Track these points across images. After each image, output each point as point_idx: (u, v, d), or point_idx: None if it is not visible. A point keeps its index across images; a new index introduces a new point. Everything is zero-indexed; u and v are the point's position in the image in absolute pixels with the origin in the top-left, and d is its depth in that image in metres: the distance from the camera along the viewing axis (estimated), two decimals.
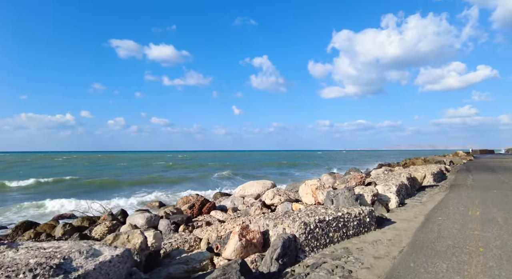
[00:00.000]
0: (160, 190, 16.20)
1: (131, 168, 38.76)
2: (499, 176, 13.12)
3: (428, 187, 9.98)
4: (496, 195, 7.66)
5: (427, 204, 6.93)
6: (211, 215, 7.72)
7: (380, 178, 9.13)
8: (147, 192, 15.21)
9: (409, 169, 15.36)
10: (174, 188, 17.87)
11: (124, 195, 14.72)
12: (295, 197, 7.40)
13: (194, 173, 31.49)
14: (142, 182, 20.63)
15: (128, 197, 13.80)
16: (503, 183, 10.45)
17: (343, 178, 7.33)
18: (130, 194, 15.43)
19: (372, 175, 12.84)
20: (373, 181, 7.70)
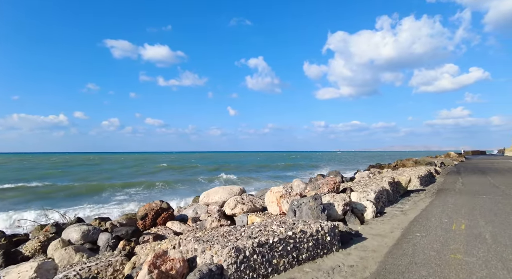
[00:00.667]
0: (136, 195, 15.20)
1: (119, 170, 37.49)
2: (490, 179, 12.44)
3: (414, 192, 9.22)
4: (485, 202, 6.90)
5: (409, 213, 6.12)
6: (167, 226, 6.82)
7: (360, 183, 8.32)
8: (118, 200, 14.17)
9: (395, 171, 14.63)
10: (153, 193, 16.82)
11: (94, 201, 13.69)
12: (262, 205, 6.54)
13: (183, 176, 30.38)
14: (124, 185, 19.47)
15: (97, 204, 12.78)
16: (493, 187, 9.74)
17: (315, 184, 6.49)
18: (103, 200, 14.40)
19: (356, 178, 12.05)
20: (348, 187, 6.88)
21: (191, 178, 26.74)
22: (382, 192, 7.16)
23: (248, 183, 23.02)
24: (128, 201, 13.23)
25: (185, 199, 12.61)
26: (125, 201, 13.60)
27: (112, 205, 12.30)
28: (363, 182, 8.65)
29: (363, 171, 12.96)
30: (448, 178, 13.44)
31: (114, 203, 12.95)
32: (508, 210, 5.93)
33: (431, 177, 13.97)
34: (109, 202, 13.19)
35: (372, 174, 12.45)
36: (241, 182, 23.90)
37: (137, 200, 13.21)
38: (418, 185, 10.19)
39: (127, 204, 12.62)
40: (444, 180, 12.61)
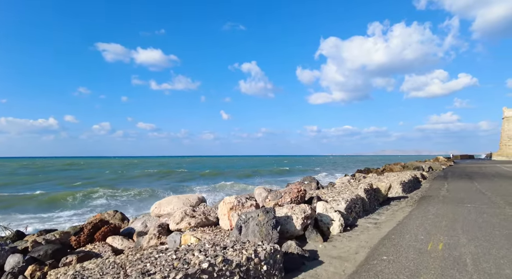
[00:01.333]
0: (103, 204, 14.03)
1: (101, 176, 35.91)
2: (476, 184, 11.81)
3: (395, 200, 8.45)
4: (469, 212, 6.14)
5: (383, 226, 5.30)
6: (107, 242, 5.84)
7: (334, 190, 7.50)
8: (81, 209, 12.97)
9: (380, 177, 13.91)
10: (121, 201, 15.54)
11: (52, 211, 12.50)
12: (216, 218, 5.63)
13: (165, 182, 28.71)
14: (91, 193, 18.16)
15: (55, 214, 11.61)
16: (479, 193, 9.05)
17: (276, 193, 5.61)
18: (65, 209, 13.20)
19: (337, 184, 11.25)
20: (316, 195, 6.04)
21: (173, 186, 25.14)
22: (356, 201, 6.34)
23: (233, 189, 22.00)
24: (91, 211, 12.09)
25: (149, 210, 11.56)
26: (89, 210, 12.45)
27: (70, 216, 11.16)
28: (338, 189, 7.84)
29: (344, 177, 12.20)
30: (434, 183, 12.78)
31: (73, 213, 11.79)
32: (494, 222, 5.17)
33: (417, 183, 13.29)
34: (70, 212, 12.02)
35: (353, 180, 11.67)
36: (227, 188, 22.82)
37: (100, 211, 12.08)
38: (401, 191, 9.44)
39: (89, 214, 11.49)
40: (429, 186, 11.93)
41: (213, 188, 21.40)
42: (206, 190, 20.21)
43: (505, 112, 52.69)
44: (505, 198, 8.08)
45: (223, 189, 20.80)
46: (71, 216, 11.20)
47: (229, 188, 21.66)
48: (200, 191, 18.55)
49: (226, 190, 21.09)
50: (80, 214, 11.63)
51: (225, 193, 18.13)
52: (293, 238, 4.50)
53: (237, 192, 19.24)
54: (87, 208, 13.28)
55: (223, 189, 20.80)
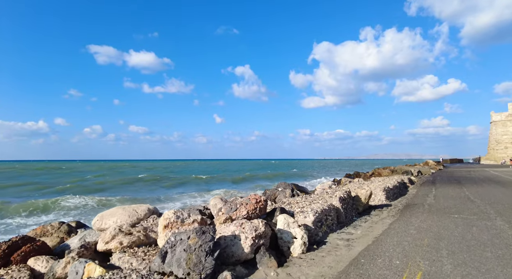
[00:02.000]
0: (62, 216, 12.82)
1: (80, 182, 34.17)
2: (465, 190, 11.16)
3: (377, 208, 7.66)
4: (456, 225, 5.36)
5: (355, 244, 4.46)
6: (28, 265, 4.85)
7: (308, 199, 6.64)
8: (34, 222, 11.70)
9: (366, 182, 13.18)
10: (78, 213, 14.00)
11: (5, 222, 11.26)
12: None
13: (145, 189, 26.11)
14: (57, 202, 16.71)
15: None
16: (468, 201, 8.34)
17: (231, 204, 4.72)
18: (19, 221, 11.96)
19: (317, 190, 10.43)
20: (278, 206, 5.15)
21: (155, 193, 22.97)
22: (328, 212, 5.49)
23: (223, 195, 20.91)
24: (37, 223, 10.85)
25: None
26: (35, 223, 11.15)
27: (10, 230, 9.92)
28: (313, 197, 7.00)
29: (325, 182, 11.39)
30: (421, 189, 12.09)
31: (16, 225, 10.53)
32: (484, 239, 4.38)
33: (403, 188, 12.59)
34: (12, 225, 10.71)
35: (335, 185, 10.87)
36: (210, 195, 21.67)
37: (50, 222, 10.89)
38: (384, 199, 8.67)
39: (29, 228, 10.21)
40: (416, 191, 11.22)
41: (198, 195, 20.33)
42: (189, 197, 19.14)
43: (492, 116, 53.19)
44: (495, 206, 7.38)
45: (205, 196, 19.72)
46: (11, 230, 9.96)
47: (214, 195, 20.62)
48: (178, 200, 17.45)
49: (209, 197, 20.06)
50: (24, 226, 10.43)
51: (203, 200, 17.12)
52: (239, 263, 3.61)
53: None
54: (36, 218, 11.98)
55: (205, 196, 19.72)
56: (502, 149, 50.43)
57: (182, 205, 14.69)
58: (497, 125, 51.82)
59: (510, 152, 48.83)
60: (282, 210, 4.98)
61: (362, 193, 7.30)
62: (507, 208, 7.17)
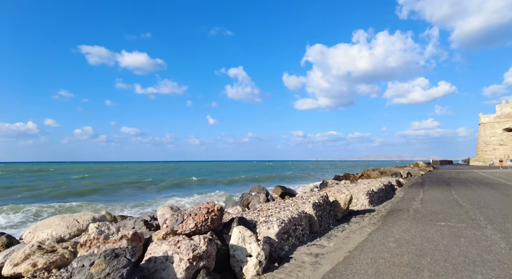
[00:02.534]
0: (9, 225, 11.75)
1: (57, 185, 32.56)
2: (453, 193, 10.63)
3: (359, 214, 7.00)
4: (442, 236, 4.71)
5: (324, 261, 3.76)
6: None
7: (280, 206, 5.93)
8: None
9: (351, 184, 12.57)
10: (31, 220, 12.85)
11: None
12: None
13: (135, 194, 24.31)
14: (17, 209, 15.54)
15: None
16: (457, 205, 7.76)
17: (179, 215, 3.97)
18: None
19: (298, 194, 9.74)
20: (237, 216, 4.42)
21: (136, 199, 20.78)
22: (297, 221, 4.79)
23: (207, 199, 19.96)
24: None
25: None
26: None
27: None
28: (287, 202, 6.29)
29: (307, 185, 10.72)
30: (408, 192, 11.53)
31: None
32: (473, 254, 3.74)
33: (390, 191, 12.02)
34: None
35: (317, 188, 10.21)
36: (200, 199, 20.71)
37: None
38: (367, 204, 8.02)
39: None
40: (403, 195, 10.64)
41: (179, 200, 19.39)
42: (174, 202, 18.20)
43: (481, 118, 53.68)
44: (484, 211, 6.80)
45: (185, 200, 18.80)
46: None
47: (202, 199, 19.74)
48: (155, 205, 16.49)
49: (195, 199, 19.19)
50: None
51: (186, 203, 16.24)
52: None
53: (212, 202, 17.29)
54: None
55: (185, 200, 18.80)
56: (490, 151, 50.87)
57: (153, 212, 13.80)
58: (486, 126, 52.30)
59: (498, 153, 49.28)
60: (241, 221, 4.24)
61: (341, 197, 6.63)
62: (497, 213, 6.60)
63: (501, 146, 49.63)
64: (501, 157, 38.22)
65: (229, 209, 6.87)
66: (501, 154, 48.33)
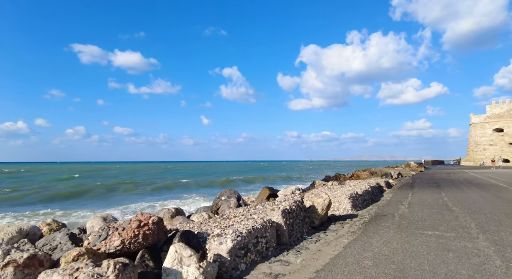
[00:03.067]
0: None
1: (46, 187, 31.26)
2: (443, 195, 10.06)
3: (339, 221, 6.31)
4: (428, 249, 4.04)
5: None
6: None
7: (248, 212, 5.20)
8: None
9: (339, 185, 11.92)
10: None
11: None
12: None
13: (116, 199, 22.02)
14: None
15: None
16: (446, 209, 7.15)
17: (107, 228, 3.20)
18: None
19: (279, 197, 9.03)
20: (182, 228, 3.67)
21: (112, 203, 18.81)
22: (260, 233, 4.06)
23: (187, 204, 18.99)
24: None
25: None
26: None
27: None
28: (258, 208, 5.57)
29: (288, 187, 10.01)
30: (397, 194, 10.93)
31: None
32: (463, 277, 3.06)
33: (378, 193, 11.42)
34: None
35: (299, 190, 9.52)
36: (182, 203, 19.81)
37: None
38: (350, 208, 7.35)
39: None
40: (391, 197, 10.03)
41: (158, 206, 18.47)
42: (150, 208, 17.27)
43: (472, 118, 53.94)
44: (476, 217, 6.19)
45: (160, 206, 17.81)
46: None
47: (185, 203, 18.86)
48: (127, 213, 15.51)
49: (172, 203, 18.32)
50: None
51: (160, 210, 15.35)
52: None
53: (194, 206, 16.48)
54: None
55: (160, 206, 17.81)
56: (480, 151, 51.12)
57: (122, 220, 12.89)
58: (476, 127, 52.56)
59: (488, 153, 49.52)
60: (184, 236, 3.49)
61: (319, 202, 5.93)
62: (490, 219, 6.00)
63: (491, 146, 49.91)
64: (492, 157, 38.25)
65: (194, 216, 6.11)
66: (491, 154, 48.58)
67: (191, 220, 5.93)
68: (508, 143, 48.24)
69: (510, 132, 48.26)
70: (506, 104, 49.84)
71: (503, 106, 50.13)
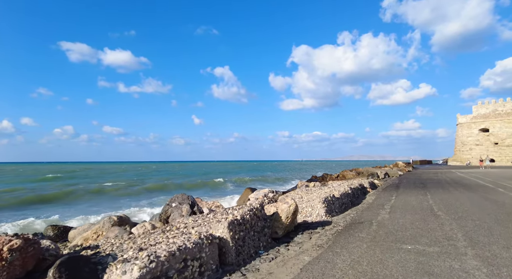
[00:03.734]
0: None
1: (20, 190, 29.33)
2: (429, 197, 9.36)
3: (308, 229, 5.43)
4: (405, 271, 3.19)
5: None
6: None
7: (191, 223, 4.27)
8: None
9: (318, 187, 11.10)
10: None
11: None
12: None
13: (86, 203, 20.64)
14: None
15: None
16: (431, 215, 6.37)
17: None
18: None
19: (250, 200, 8.12)
20: (97, 243, 2.74)
21: (80, 209, 17.63)
22: (191, 254, 3.12)
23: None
24: None
25: None
26: None
27: None
28: (210, 217, 4.63)
29: (260, 191, 9.09)
30: (380, 196, 10.18)
31: None
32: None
33: (360, 195, 10.65)
34: None
35: (272, 193, 8.62)
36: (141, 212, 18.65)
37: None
38: (323, 214, 6.49)
39: None
40: (373, 200, 9.25)
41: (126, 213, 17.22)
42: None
43: (459, 118, 54.38)
44: (463, 224, 5.42)
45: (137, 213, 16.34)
46: None
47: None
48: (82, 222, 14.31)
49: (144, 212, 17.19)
50: None
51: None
52: None
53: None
54: None
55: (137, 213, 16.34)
56: (467, 151, 51.55)
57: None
58: (463, 127, 53.00)
59: (475, 153, 49.96)
60: (69, 264, 2.51)
61: (283, 209, 5.03)
62: (479, 226, 5.23)
63: (477, 146, 50.38)
64: (480, 157, 38.34)
65: (136, 228, 5.10)
66: (477, 154, 49.00)
67: (131, 232, 4.94)
68: (494, 143, 48.77)
69: (496, 132, 48.80)
70: (491, 105, 50.40)
71: (488, 106, 50.68)
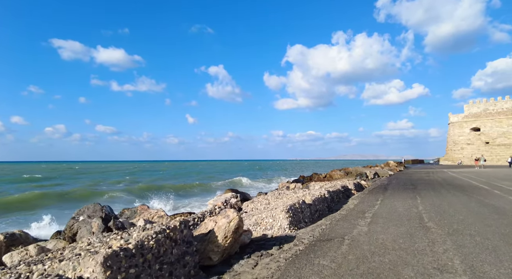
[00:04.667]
0: None
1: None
2: (419, 202, 8.16)
3: (260, 250, 4.11)
4: None
5: None
6: None
7: (92, 245, 2.95)
8: None
9: (299, 190, 9.81)
10: None
11: None
12: None
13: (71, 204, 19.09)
14: None
15: None
16: (419, 228, 5.12)
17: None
18: None
19: (208, 206, 6.76)
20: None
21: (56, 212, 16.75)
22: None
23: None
24: None
25: None
26: None
27: None
28: (115, 239, 3.29)
29: (222, 194, 7.75)
30: (364, 200, 8.94)
31: None
32: None
33: (342, 198, 9.40)
34: None
35: (236, 198, 7.29)
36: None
37: None
38: (286, 226, 5.17)
39: None
40: (355, 205, 8.01)
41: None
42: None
43: (450, 117, 53.94)
44: (459, 242, 4.17)
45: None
46: None
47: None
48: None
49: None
50: None
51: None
52: None
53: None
54: None
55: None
56: (458, 150, 51.12)
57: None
58: (454, 126, 52.57)
59: (466, 152, 49.54)
60: None
61: (220, 225, 3.69)
62: (480, 246, 3.99)
63: (469, 145, 49.96)
64: (477, 156, 37.64)
65: (9, 255, 3.62)
66: (468, 154, 48.59)
67: (1, 261, 3.54)
68: (485, 142, 48.39)
69: (487, 131, 48.43)
70: (482, 104, 50.05)
71: (480, 105, 50.31)
